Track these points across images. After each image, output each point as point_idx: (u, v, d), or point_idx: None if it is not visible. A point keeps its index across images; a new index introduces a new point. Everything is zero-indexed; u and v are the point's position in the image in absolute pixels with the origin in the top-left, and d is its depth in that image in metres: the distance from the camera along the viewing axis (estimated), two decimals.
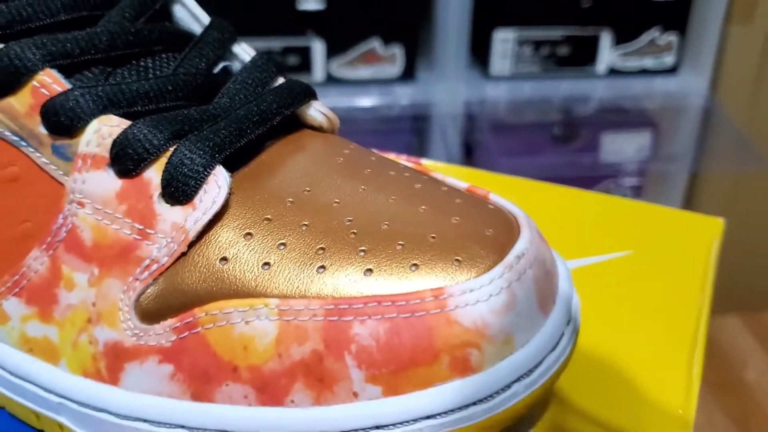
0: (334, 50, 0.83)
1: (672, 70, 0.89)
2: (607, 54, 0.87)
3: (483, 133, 0.86)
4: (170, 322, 0.19)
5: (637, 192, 0.93)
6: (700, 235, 0.30)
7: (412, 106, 0.85)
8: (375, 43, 0.83)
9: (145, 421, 0.20)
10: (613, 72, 0.88)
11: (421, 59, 0.87)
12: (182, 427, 0.19)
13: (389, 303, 0.18)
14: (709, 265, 0.29)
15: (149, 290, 0.19)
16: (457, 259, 0.19)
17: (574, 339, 0.21)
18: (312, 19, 0.81)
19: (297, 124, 0.23)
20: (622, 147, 0.89)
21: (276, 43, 0.82)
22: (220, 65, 0.23)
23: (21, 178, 0.20)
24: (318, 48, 0.82)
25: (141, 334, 0.19)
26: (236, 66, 0.24)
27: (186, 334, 0.19)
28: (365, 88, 0.84)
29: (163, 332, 0.19)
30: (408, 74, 0.85)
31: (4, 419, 0.22)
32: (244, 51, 0.24)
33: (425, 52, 0.87)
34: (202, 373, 0.19)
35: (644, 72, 0.88)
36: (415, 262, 0.19)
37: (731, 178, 0.96)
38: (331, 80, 0.84)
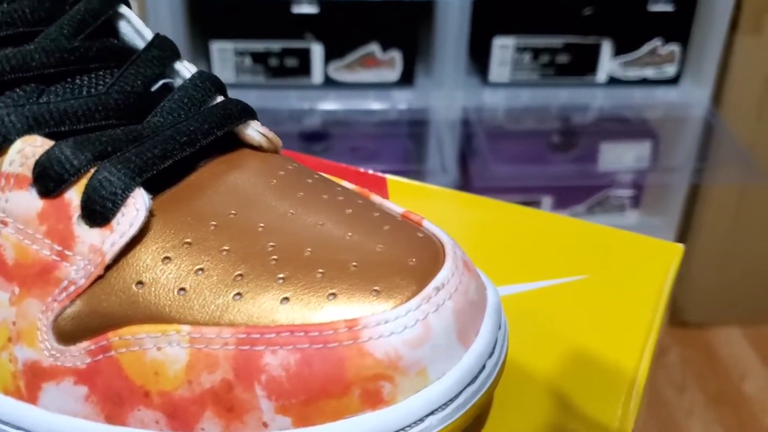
0: (332, 53, 0.83)
1: (673, 81, 0.88)
2: (608, 63, 0.86)
3: (480, 140, 0.85)
4: (85, 344, 0.19)
5: (635, 203, 0.92)
6: (658, 261, 0.30)
7: (409, 111, 0.85)
8: (374, 47, 0.83)
9: None
10: (614, 81, 0.87)
11: (419, 64, 0.86)
12: None
13: (302, 333, 0.18)
14: (662, 291, 0.29)
15: (67, 311, 0.19)
16: (375, 289, 0.19)
17: (497, 370, 0.20)
18: (311, 23, 0.81)
19: (238, 144, 0.23)
20: (621, 157, 0.89)
21: (275, 45, 0.82)
22: (159, 83, 0.23)
23: None
24: (317, 51, 0.82)
25: (58, 354, 0.19)
26: (178, 83, 0.23)
27: (100, 357, 0.19)
28: (363, 92, 0.84)
29: (78, 354, 0.19)
30: (406, 79, 0.84)
31: None
32: (186, 68, 0.23)
33: (424, 58, 0.87)
34: (115, 396, 0.19)
35: (645, 82, 0.87)
36: (333, 291, 0.19)
37: (731, 191, 0.95)
38: (329, 83, 0.84)
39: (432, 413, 0.19)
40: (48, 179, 0.19)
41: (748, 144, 0.88)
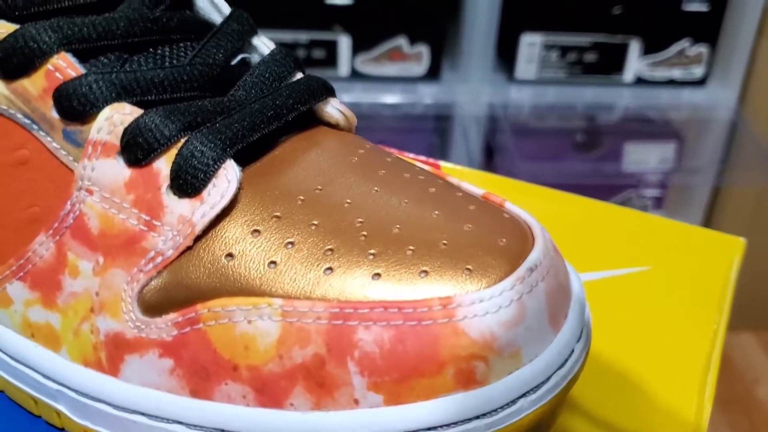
0: (359, 46, 0.82)
1: (701, 82, 0.87)
2: (635, 63, 0.86)
3: (505, 137, 0.85)
4: (172, 316, 0.19)
5: (659, 203, 0.92)
6: (721, 254, 0.30)
7: (435, 106, 0.85)
8: (401, 41, 0.83)
9: (142, 414, 0.19)
10: (641, 81, 0.87)
11: (446, 59, 0.86)
12: (179, 423, 0.19)
13: (395, 309, 0.18)
14: (728, 285, 0.28)
15: (153, 283, 0.19)
16: (468, 268, 0.18)
17: (584, 356, 0.20)
18: (339, 14, 0.80)
19: (314, 121, 0.23)
20: (646, 157, 0.88)
21: (302, 36, 0.81)
22: (239, 57, 0.23)
23: (31, 162, 0.20)
24: (344, 43, 0.82)
25: (142, 326, 0.19)
26: (255, 59, 0.23)
27: (187, 329, 0.19)
28: (389, 85, 0.84)
29: (164, 326, 0.19)
30: (433, 74, 0.84)
31: (4, 403, 0.22)
32: (264, 44, 0.23)
33: (451, 53, 0.86)
34: (201, 370, 0.19)
35: (672, 82, 0.87)
36: (424, 268, 0.18)
37: (754, 194, 0.94)
38: (356, 75, 0.83)
39: (524, 395, 0.18)
40: (137, 148, 0.19)
41: None
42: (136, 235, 0.19)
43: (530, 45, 0.84)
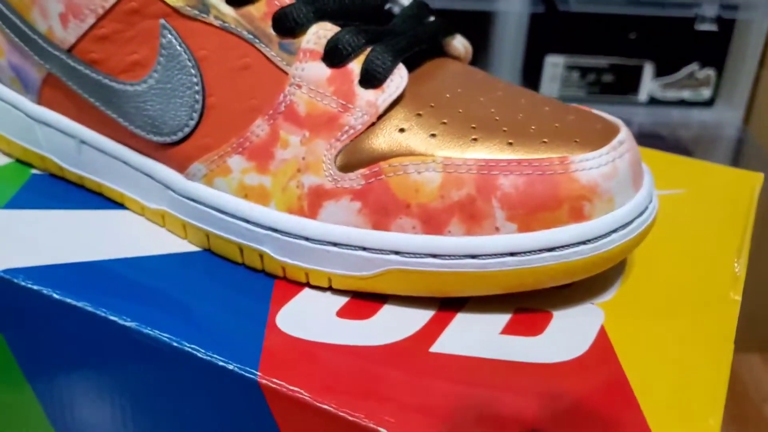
0: None
1: (708, 103, 0.96)
2: (649, 84, 0.95)
3: None
4: (361, 171, 0.26)
5: None
6: (742, 185, 0.37)
7: None
8: None
9: (334, 244, 0.26)
10: (653, 101, 0.95)
11: None
12: (363, 248, 0.26)
13: (527, 164, 0.25)
14: (751, 209, 0.35)
15: (346, 148, 0.26)
16: (575, 140, 0.26)
17: (654, 214, 0.27)
18: None
19: (440, 54, 0.31)
20: None
21: None
22: (388, 5, 0.31)
23: (252, 67, 0.27)
24: None
25: (338, 179, 0.26)
26: (396, 9, 0.31)
27: (372, 180, 0.26)
28: None
29: (355, 178, 0.26)
30: None
31: (208, 261, 0.29)
32: None
33: (482, 69, 0.95)
34: (382, 209, 0.26)
35: (682, 103, 0.96)
36: (544, 140, 0.26)
37: (760, 205, 1.02)
38: None
39: (615, 230, 0.26)
40: (336, 53, 0.27)
41: None
42: (335, 115, 0.26)
43: (554, 66, 0.93)
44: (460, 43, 0.31)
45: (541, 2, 0.89)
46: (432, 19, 0.30)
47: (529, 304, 0.27)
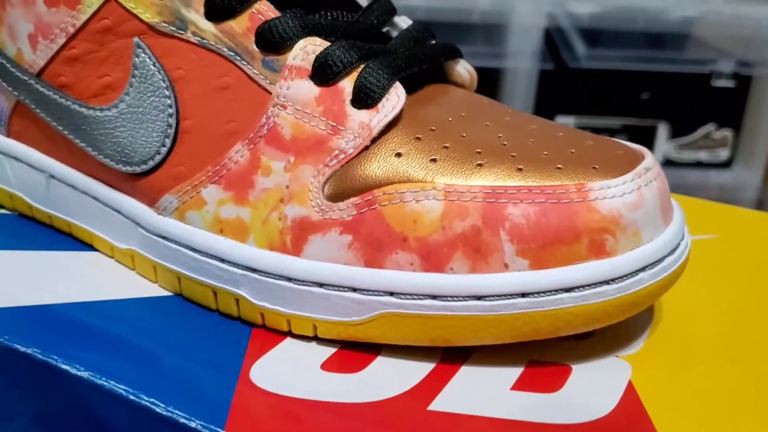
0: None
1: (726, 164, 0.93)
2: (664, 145, 0.92)
3: None
4: (353, 199, 0.23)
5: None
6: None
7: None
8: None
9: (320, 285, 0.23)
10: (669, 163, 0.93)
11: None
12: (353, 289, 0.23)
13: (539, 191, 0.22)
14: None
15: (336, 175, 0.23)
16: (594, 167, 0.23)
17: (687, 253, 0.24)
18: None
19: (442, 80, 0.28)
20: None
21: None
22: (386, 28, 0.28)
23: (231, 87, 0.25)
24: None
25: (326, 210, 0.23)
26: (394, 33, 0.28)
27: (365, 209, 0.23)
28: None
29: (345, 208, 0.23)
30: None
31: (179, 307, 0.26)
32: (403, 20, 0.29)
33: None
34: (375, 242, 0.23)
35: (699, 164, 0.93)
36: (559, 165, 0.23)
37: None
38: None
39: (644, 269, 0.22)
40: (326, 70, 0.24)
41: None
42: (324, 138, 0.24)
43: None
44: (464, 69, 0.28)
45: (551, 59, 0.87)
46: (432, 42, 0.28)
47: (544, 356, 0.24)
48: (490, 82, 0.89)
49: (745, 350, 0.25)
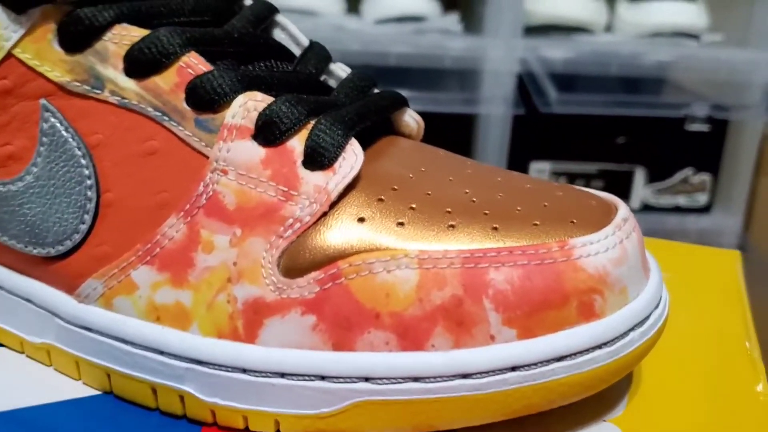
0: None
1: (705, 209, 1.04)
2: (641, 190, 1.03)
3: None
4: (314, 274, 0.27)
5: None
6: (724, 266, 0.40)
7: None
8: None
9: (282, 375, 0.27)
10: (647, 208, 1.04)
11: None
12: (321, 377, 0.26)
13: (520, 252, 0.26)
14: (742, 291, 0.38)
15: (292, 247, 0.27)
16: (572, 221, 0.27)
17: (667, 305, 0.29)
18: None
19: (388, 131, 0.32)
20: None
21: None
22: (323, 77, 0.32)
23: (160, 151, 0.28)
24: None
25: (284, 288, 0.27)
26: (332, 82, 0.33)
27: (329, 285, 0.26)
28: None
29: (306, 284, 0.27)
30: None
31: (110, 407, 0.29)
32: (341, 68, 0.33)
33: None
34: (344, 322, 0.26)
35: (677, 209, 1.03)
36: (535, 221, 0.27)
37: (764, 317, 1.08)
38: None
39: (633, 329, 0.27)
40: (273, 129, 0.28)
41: None
42: (275, 205, 0.27)
43: (539, 172, 1.01)
44: (411, 118, 0.32)
45: (524, 105, 0.97)
46: (377, 91, 0.32)
47: (533, 429, 0.28)
48: (463, 128, 0.98)
49: (728, 394, 0.30)
